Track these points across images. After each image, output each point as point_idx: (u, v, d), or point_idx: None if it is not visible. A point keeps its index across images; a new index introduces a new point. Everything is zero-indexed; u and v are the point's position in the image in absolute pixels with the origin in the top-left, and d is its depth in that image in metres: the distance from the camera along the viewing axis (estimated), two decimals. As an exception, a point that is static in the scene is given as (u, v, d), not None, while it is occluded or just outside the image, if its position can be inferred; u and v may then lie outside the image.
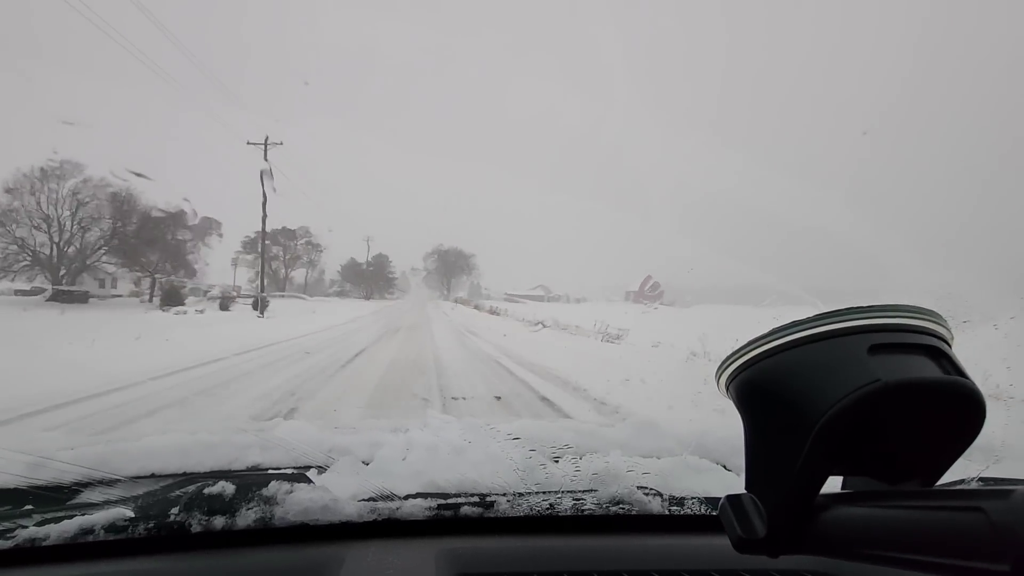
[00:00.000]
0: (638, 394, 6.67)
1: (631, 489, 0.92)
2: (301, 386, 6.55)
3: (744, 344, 0.49)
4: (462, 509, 0.88)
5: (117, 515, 0.79)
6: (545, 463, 1.05)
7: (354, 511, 0.85)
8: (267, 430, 1.32)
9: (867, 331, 0.45)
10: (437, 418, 1.45)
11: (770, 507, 0.47)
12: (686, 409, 5.71)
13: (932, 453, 0.47)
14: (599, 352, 11.59)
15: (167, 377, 6.95)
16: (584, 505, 0.89)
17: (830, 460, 0.45)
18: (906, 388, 0.43)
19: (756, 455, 0.50)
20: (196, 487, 0.84)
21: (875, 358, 0.43)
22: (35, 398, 5.21)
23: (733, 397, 0.52)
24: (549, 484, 0.97)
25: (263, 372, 7.68)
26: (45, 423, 4.49)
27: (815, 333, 0.46)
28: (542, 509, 0.88)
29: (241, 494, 0.83)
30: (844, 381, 0.43)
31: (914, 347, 0.45)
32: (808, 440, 0.43)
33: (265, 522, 0.81)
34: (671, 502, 0.91)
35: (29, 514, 0.81)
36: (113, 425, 4.49)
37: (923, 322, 0.46)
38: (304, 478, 0.90)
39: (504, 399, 6.21)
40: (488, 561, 0.79)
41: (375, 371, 7.96)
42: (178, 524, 0.79)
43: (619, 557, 0.80)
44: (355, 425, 1.42)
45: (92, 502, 0.89)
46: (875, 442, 0.45)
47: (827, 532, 0.46)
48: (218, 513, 0.80)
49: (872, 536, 0.43)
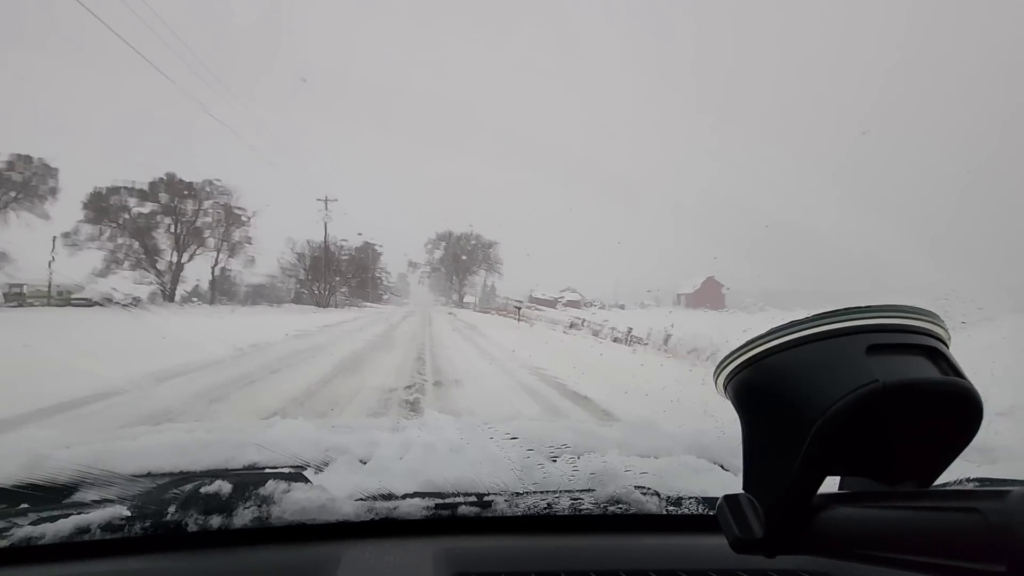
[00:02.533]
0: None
1: (629, 489, 0.92)
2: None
3: (742, 344, 0.49)
4: (460, 508, 0.87)
5: (113, 514, 0.79)
6: (543, 463, 1.05)
7: (351, 510, 0.84)
8: (264, 429, 1.32)
9: (865, 331, 0.45)
10: (435, 417, 1.45)
11: (767, 507, 0.47)
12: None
13: (930, 454, 0.47)
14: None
15: None
16: (582, 505, 0.89)
17: (828, 460, 0.45)
18: (904, 389, 0.42)
19: (754, 455, 0.50)
20: (193, 486, 0.84)
21: (873, 358, 0.43)
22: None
23: (731, 397, 0.52)
24: (547, 484, 0.97)
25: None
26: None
27: (813, 333, 0.45)
28: (540, 509, 0.88)
29: (238, 493, 0.83)
30: (842, 381, 0.43)
31: (912, 348, 0.45)
32: (806, 440, 0.43)
33: (262, 521, 0.81)
34: (669, 502, 0.91)
35: (25, 513, 0.81)
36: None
37: (921, 322, 0.46)
38: (301, 477, 0.90)
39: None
40: (485, 561, 0.79)
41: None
42: (175, 523, 0.79)
43: (616, 557, 0.80)
44: (352, 424, 1.42)
45: (88, 501, 0.89)
46: (873, 442, 0.45)
47: (824, 532, 0.46)
48: (215, 512, 0.80)
49: (869, 537, 0.43)
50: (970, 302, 3.87)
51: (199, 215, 34.23)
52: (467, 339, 15.09)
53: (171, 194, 32.79)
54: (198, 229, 34.53)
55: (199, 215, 34.23)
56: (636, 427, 1.44)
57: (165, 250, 33.27)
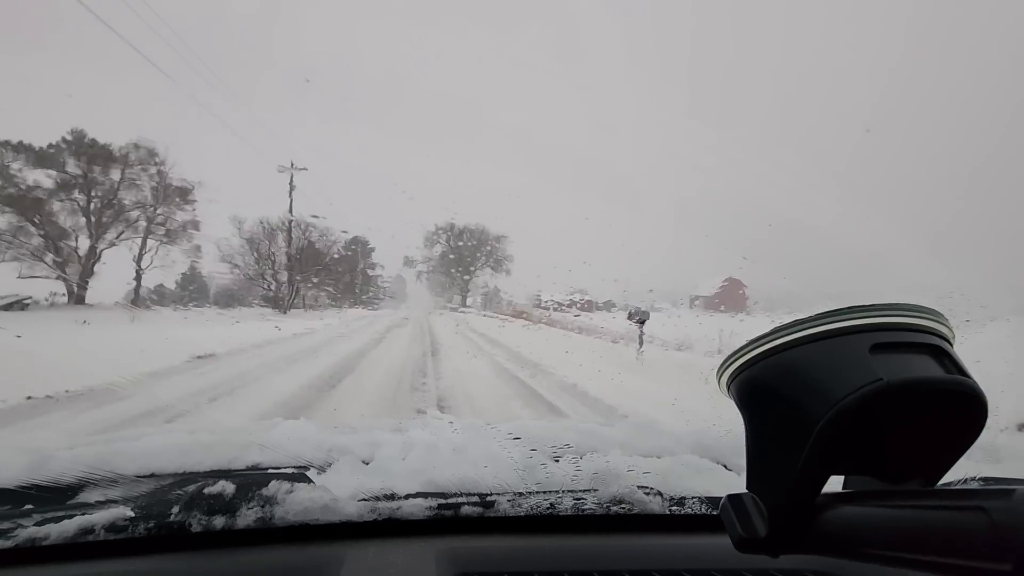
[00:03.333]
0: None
1: (631, 488, 0.91)
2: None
3: (745, 343, 0.49)
4: (462, 509, 0.87)
5: (117, 515, 0.79)
6: (545, 462, 1.05)
7: (354, 511, 0.85)
8: (267, 429, 1.32)
9: (869, 330, 0.45)
10: (437, 418, 1.45)
11: (771, 507, 0.47)
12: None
13: (934, 452, 0.47)
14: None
15: None
16: (584, 505, 0.89)
17: (832, 460, 0.45)
18: (908, 387, 0.42)
19: (757, 454, 0.50)
20: (196, 487, 0.84)
21: (877, 357, 0.43)
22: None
23: (734, 396, 0.52)
24: (549, 484, 0.97)
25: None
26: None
27: (817, 332, 0.45)
28: (542, 509, 0.88)
29: (241, 493, 0.83)
30: (846, 380, 0.43)
31: (916, 346, 0.45)
32: (810, 439, 0.43)
33: (265, 522, 0.81)
34: (672, 502, 0.91)
35: (29, 514, 0.81)
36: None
37: (925, 321, 0.46)
38: (304, 478, 0.90)
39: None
40: (488, 561, 0.79)
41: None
42: (178, 524, 0.79)
43: (619, 557, 0.80)
44: (355, 425, 1.42)
45: (92, 502, 0.89)
46: (877, 441, 0.45)
47: (828, 532, 0.45)
48: (218, 513, 0.80)
49: (874, 536, 0.42)
50: (974, 300, 3.85)
51: (121, 187, 23.87)
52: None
53: (82, 159, 22.79)
54: (121, 206, 24.10)
55: (121, 187, 23.87)
56: (638, 427, 1.44)
57: (75, 235, 23.58)
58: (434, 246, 45.00)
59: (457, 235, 43.46)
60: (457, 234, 43.54)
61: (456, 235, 43.54)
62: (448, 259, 44.53)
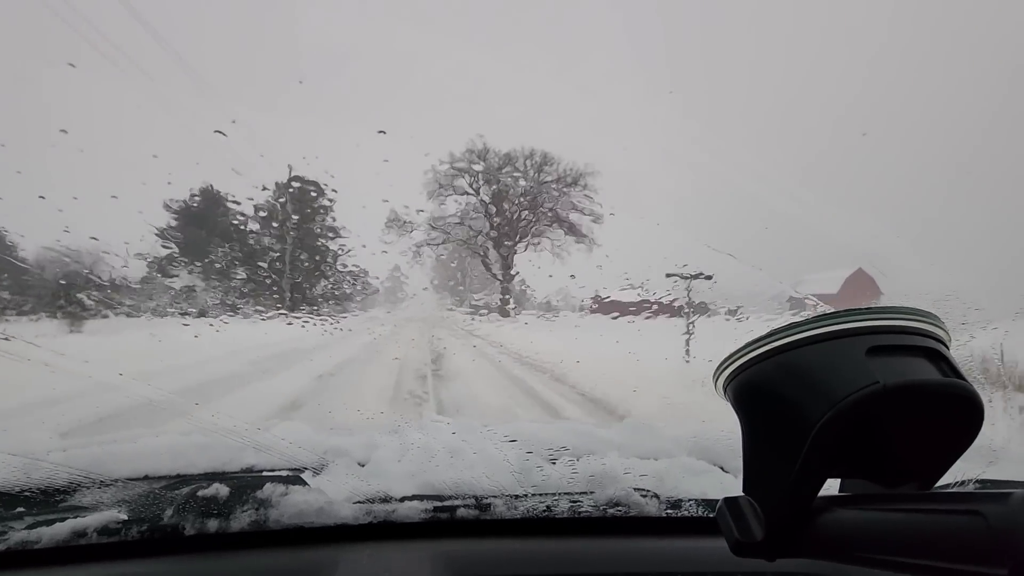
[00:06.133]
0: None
1: (628, 491, 0.91)
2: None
3: (742, 346, 0.49)
4: (458, 511, 0.87)
5: (110, 518, 0.78)
6: (542, 465, 1.05)
7: (349, 513, 0.84)
8: (262, 431, 1.31)
9: (865, 333, 0.44)
10: (433, 420, 1.45)
11: (768, 510, 0.47)
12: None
13: (930, 456, 0.47)
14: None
15: None
16: (581, 507, 0.89)
17: (828, 463, 0.45)
18: (905, 390, 0.42)
19: (754, 457, 0.49)
20: (190, 489, 0.83)
21: (874, 360, 0.43)
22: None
23: (731, 399, 0.51)
24: (546, 486, 0.96)
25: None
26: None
27: (813, 335, 0.45)
28: (539, 511, 0.88)
29: (235, 496, 0.82)
30: (842, 383, 0.42)
31: (913, 349, 0.45)
32: (806, 442, 0.43)
33: (259, 524, 0.81)
34: (668, 504, 0.91)
35: (20, 517, 0.81)
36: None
37: (921, 324, 0.46)
38: (299, 480, 0.90)
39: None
40: (484, 564, 0.78)
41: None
42: (171, 527, 0.78)
43: (616, 559, 0.79)
44: (351, 426, 1.41)
45: (84, 504, 0.88)
46: (874, 444, 0.45)
47: (825, 535, 0.45)
48: (212, 515, 0.80)
49: (870, 539, 0.42)
50: (970, 303, 3.87)
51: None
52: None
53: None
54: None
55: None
56: (635, 429, 1.44)
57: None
58: (445, 200, 24.37)
59: (497, 167, 22.58)
60: (497, 166, 22.55)
61: (495, 168, 22.47)
62: (477, 217, 23.38)
